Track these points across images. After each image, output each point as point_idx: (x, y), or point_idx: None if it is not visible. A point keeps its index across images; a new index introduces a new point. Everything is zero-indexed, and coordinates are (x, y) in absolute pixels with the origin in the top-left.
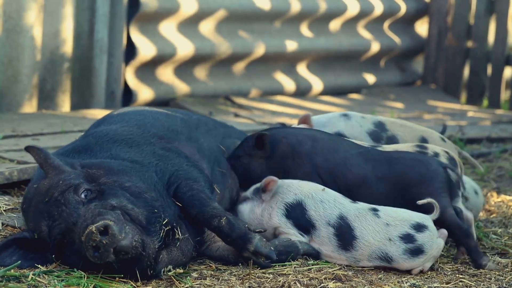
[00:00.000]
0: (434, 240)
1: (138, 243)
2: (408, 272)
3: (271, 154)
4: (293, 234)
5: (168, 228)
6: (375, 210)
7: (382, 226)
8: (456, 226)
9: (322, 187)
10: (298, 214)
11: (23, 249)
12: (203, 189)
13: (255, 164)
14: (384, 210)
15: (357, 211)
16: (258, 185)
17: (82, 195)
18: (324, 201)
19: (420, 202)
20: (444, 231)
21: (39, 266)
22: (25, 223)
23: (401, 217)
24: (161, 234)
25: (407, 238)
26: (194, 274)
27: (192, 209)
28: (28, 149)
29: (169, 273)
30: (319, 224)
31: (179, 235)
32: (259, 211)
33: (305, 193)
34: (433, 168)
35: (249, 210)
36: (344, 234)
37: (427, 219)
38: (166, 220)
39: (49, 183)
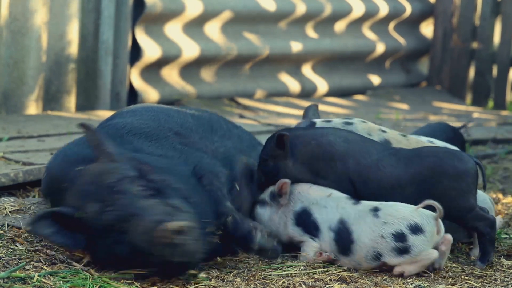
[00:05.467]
0: (426, 247)
1: (204, 248)
2: (390, 271)
3: (298, 155)
4: (306, 240)
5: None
6: (376, 209)
7: (379, 225)
8: (482, 217)
9: (330, 192)
10: (305, 220)
11: (58, 223)
12: (222, 187)
13: (281, 165)
14: (386, 208)
15: (357, 214)
16: (273, 188)
17: (139, 188)
18: (328, 207)
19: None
20: (447, 244)
21: (67, 245)
22: (54, 201)
23: (401, 215)
24: (209, 239)
25: (399, 237)
26: (203, 274)
27: None
28: (83, 126)
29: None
30: (323, 226)
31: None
32: (277, 219)
33: (310, 200)
34: (466, 160)
35: (268, 217)
36: (343, 239)
37: (429, 222)
38: (213, 223)
39: (102, 168)
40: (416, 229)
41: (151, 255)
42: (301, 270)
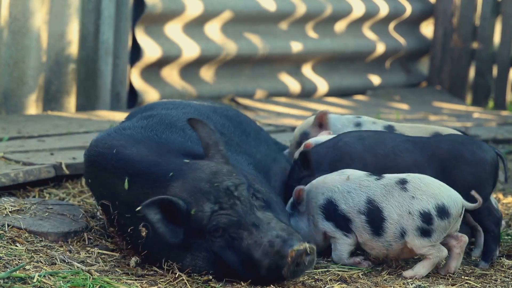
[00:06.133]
0: (443, 234)
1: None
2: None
3: (323, 166)
4: (339, 237)
5: None
6: (403, 182)
7: (407, 199)
8: (491, 212)
9: (347, 174)
10: (332, 213)
11: (163, 211)
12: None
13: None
14: (414, 181)
15: (383, 189)
16: (291, 199)
17: (253, 198)
18: (351, 191)
19: (473, 193)
20: (462, 246)
21: (166, 236)
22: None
23: (430, 192)
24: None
25: (425, 217)
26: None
27: None
28: (193, 122)
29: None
30: (352, 215)
31: None
32: (304, 225)
33: (330, 188)
34: (486, 149)
35: (295, 226)
36: (374, 219)
37: (455, 206)
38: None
39: (217, 169)
40: (442, 212)
41: (263, 268)
42: None
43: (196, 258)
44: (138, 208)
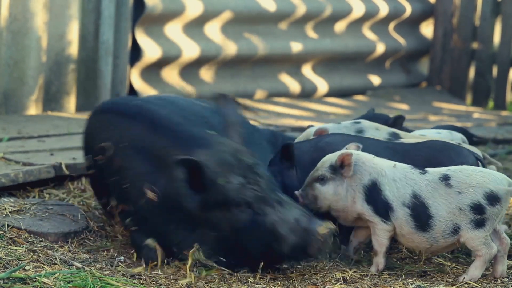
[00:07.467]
0: (495, 219)
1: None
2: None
3: (301, 164)
4: (377, 222)
5: None
6: (446, 178)
7: (454, 195)
8: None
9: (394, 163)
10: (375, 197)
11: (191, 172)
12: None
13: (286, 175)
14: (456, 176)
15: (429, 185)
16: (330, 161)
17: (272, 177)
18: (396, 179)
19: None
20: (505, 247)
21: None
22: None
23: (475, 182)
24: None
25: (477, 209)
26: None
27: None
28: (220, 98)
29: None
30: (396, 205)
31: None
32: (343, 191)
33: (378, 171)
34: (464, 154)
35: (332, 191)
36: (420, 214)
37: (503, 187)
38: None
39: (238, 147)
40: (492, 198)
41: (288, 245)
42: (302, 270)
43: (206, 234)
44: (173, 160)
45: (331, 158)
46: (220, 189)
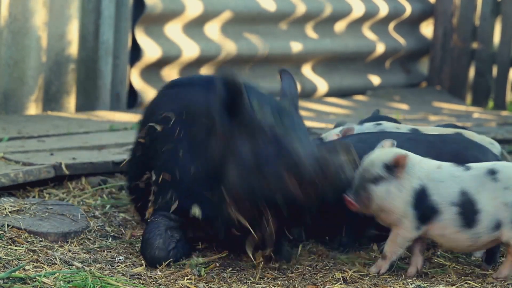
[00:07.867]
0: None
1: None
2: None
3: None
4: (406, 228)
5: None
6: (492, 172)
7: (500, 190)
8: None
9: (438, 163)
10: (423, 202)
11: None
12: None
13: None
14: (503, 171)
15: (476, 182)
16: (383, 161)
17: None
18: (444, 180)
19: None
20: None
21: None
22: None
23: None
24: None
25: None
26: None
27: None
28: (282, 72)
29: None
30: (443, 206)
31: None
32: (394, 190)
33: (427, 174)
34: (490, 156)
35: (386, 191)
36: (468, 211)
37: None
38: None
39: (279, 102)
40: None
41: (307, 167)
42: (302, 270)
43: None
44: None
45: (381, 157)
46: (253, 112)
